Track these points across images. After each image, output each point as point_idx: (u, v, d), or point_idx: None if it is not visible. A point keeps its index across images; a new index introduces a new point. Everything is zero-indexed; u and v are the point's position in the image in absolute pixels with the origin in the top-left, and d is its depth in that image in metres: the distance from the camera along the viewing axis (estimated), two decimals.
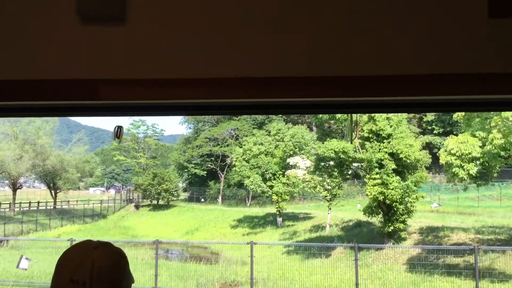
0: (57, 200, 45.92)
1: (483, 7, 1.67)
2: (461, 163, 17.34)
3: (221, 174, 51.44)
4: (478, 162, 17.30)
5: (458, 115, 18.49)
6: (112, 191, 70.76)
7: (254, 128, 47.98)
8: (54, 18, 1.77)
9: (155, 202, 47.76)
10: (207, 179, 53.65)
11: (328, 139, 24.57)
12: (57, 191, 46.02)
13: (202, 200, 51.70)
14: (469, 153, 17.10)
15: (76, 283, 1.35)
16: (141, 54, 1.74)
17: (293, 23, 1.73)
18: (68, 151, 49.06)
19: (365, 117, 21.70)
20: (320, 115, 24.95)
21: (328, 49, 1.71)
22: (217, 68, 1.72)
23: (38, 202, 42.32)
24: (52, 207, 43.65)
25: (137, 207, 48.58)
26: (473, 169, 17.19)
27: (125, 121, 75.16)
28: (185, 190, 56.85)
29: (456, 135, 18.56)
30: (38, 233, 31.97)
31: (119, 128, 2.05)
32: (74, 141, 51.78)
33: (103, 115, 1.98)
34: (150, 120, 61.06)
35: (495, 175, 18.44)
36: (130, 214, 46.22)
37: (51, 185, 45.40)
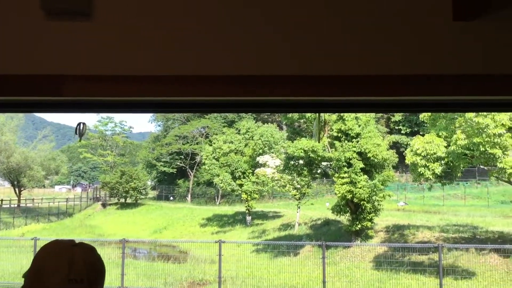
0: (21, 198, 44.79)
1: (448, 10, 1.70)
2: (427, 162, 17.72)
3: (190, 172, 51.14)
4: (443, 162, 17.71)
5: (424, 115, 18.89)
6: (78, 189, 69.43)
7: (224, 126, 47.86)
8: (17, 12, 1.72)
9: (122, 200, 47.12)
10: (176, 177, 53.26)
11: (298, 138, 24.73)
12: (22, 189, 44.89)
13: (171, 198, 51.30)
14: (434, 153, 17.50)
15: (74, 282, 1.35)
16: (107, 50, 1.71)
17: (262, 22, 1.72)
18: (33, 148, 47.91)
19: (334, 116, 21.93)
20: (290, 114, 25.09)
21: (298, 49, 1.72)
22: (184, 66, 1.70)
23: (2, 200, 41.15)
24: (16, 205, 42.56)
25: (104, 205, 47.83)
26: (438, 168, 17.59)
27: (92, 118, 73.77)
28: (153, 188, 56.28)
29: (423, 135, 18.96)
30: (1, 232, 31.14)
31: (82, 124, 2.02)
32: (39, 138, 50.57)
33: (67, 112, 1.94)
34: (118, 117, 60.14)
35: (459, 174, 18.91)
36: (97, 212, 45.47)
37: (15, 182, 44.26)
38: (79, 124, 1.99)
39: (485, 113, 15.55)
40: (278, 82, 1.70)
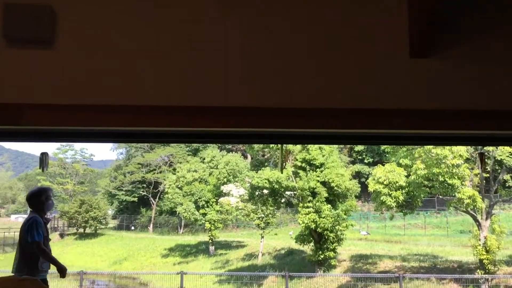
0: None
1: (405, 48, 1.77)
2: (389, 191, 18.02)
3: (153, 201, 50.28)
4: (404, 191, 18.05)
5: (386, 146, 19.30)
6: None
7: (189, 155, 47.51)
8: None
9: (81, 230, 45.76)
10: (138, 206, 52.22)
11: (262, 168, 24.77)
12: None
13: (132, 228, 50.15)
14: (396, 182, 17.83)
15: None
16: (68, 78, 1.69)
17: (232, 55, 1.75)
18: None
19: (298, 146, 22.14)
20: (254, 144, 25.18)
21: (264, 82, 1.75)
22: (145, 96, 1.70)
23: None
24: None
25: (62, 235, 46.31)
26: (400, 196, 17.89)
27: (52, 145, 72.21)
28: (114, 217, 54.96)
29: (383, 165, 19.34)
30: None
31: (44, 155, 1.97)
32: None
33: (26, 141, 1.90)
34: (78, 144, 58.94)
35: (419, 204, 19.29)
36: (54, 243, 43.89)
37: None
38: (42, 154, 1.95)
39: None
40: (242, 113, 1.72)
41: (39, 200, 5.48)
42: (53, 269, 5.43)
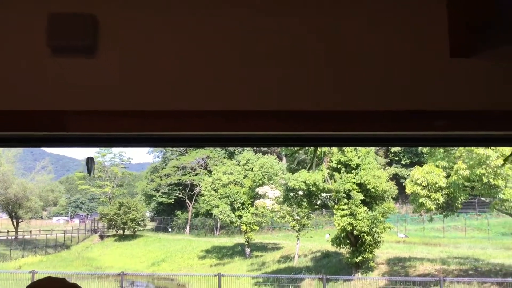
0: (18, 230, 44.38)
1: (445, 47, 1.74)
2: (428, 193, 17.64)
3: (189, 203, 50.86)
4: (443, 192, 17.64)
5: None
6: (76, 221, 68.88)
7: (224, 157, 47.86)
8: (23, 48, 1.75)
9: (120, 232, 46.70)
10: (175, 208, 52.92)
11: (300, 169, 24.68)
12: (19, 221, 44.52)
13: (170, 230, 50.85)
14: (436, 183, 17.44)
15: None
16: (111, 85, 1.73)
17: (263, 57, 1.76)
18: (32, 179, 47.76)
19: (334, 148, 21.98)
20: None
21: (296, 84, 1.75)
22: (184, 101, 1.73)
23: None
24: (13, 237, 42.13)
25: (102, 237, 47.36)
26: (440, 198, 17.48)
27: (91, 149, 73.83)
28: (152, 219, 55.86)
29: (421, 166, 18.96)
30: None
31: (90, 160, 2.02)
32: (37, 169, 50.54)
33: (69, 146, 1.95)
34: (117, 148, 60.24)
35: (459, 206, 18.83)
36: (95, 244, 45.01)
37: (13, 214, 43.93)
38: (88, 159, 2.00)
39: None
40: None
41: None
42: (95, 270, 5.54)
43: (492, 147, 15.63)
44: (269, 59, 1.76)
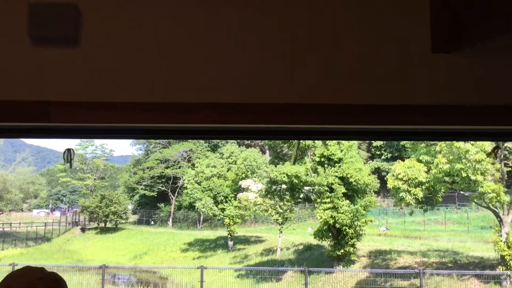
0: None
1: (427, 43, 1.76)
2: (408, 187, 17.85)
3: (172, 196, 50.67)
4: (423, 187, 17.85)
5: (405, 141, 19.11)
6: (57, 213, 68.14)
7: (208, 150, 47.72)
8: (3, 39, 1.73)
9: (102, 225, 46.37)
10: (157, 201, 52.68)
11: (281, 162, 24.75)
12: None
13: (152, 222, 50.64)
14: (416, 178, 17.64)
15: None
16: (93, 76, 1.72)
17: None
18: (12, 171, 47.11)
19: (318, 142, 22.06)
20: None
21: (276, 78, 1.76)
22: (169, 93, 1.72)
23: None
24: None
25: (83, 230, 46.98)
26: (420, 193, 17.71)
27: (72, 141, 73.00)
28: (134, 212, 55.54)
29: (403, 160, 19.14)
30: None
31: (69, 151, 2.00)
32: (18, 161, 49.86)
33: (53, 137, 1.94)
34: (99, 140, 59.65)
35: (440, 199, 19.07)
36: (76, 237, 44.62)
37: None
38: (66, 150, 1.98)
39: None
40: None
41: None
42: (76, 262, 5.50)
43: (471, 141, 15.84)
44: (255, 51, 1.76)
